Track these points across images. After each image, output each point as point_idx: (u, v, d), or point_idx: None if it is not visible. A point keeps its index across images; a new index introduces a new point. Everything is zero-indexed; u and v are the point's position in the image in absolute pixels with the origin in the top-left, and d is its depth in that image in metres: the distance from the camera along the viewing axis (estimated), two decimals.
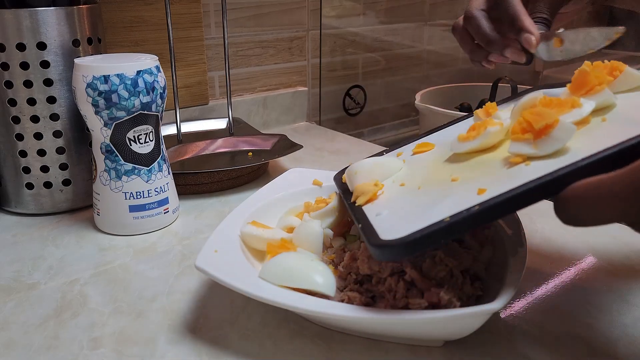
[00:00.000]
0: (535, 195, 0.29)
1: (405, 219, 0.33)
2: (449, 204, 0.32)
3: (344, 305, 0.35)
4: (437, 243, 0.31)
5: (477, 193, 0.31)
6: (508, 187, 0.29)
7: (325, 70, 0.99)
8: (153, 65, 0.51)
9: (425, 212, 0.32)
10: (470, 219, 0.30)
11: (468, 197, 0.31)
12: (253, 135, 0.74)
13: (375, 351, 0.37)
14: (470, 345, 0.37)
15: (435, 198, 0.34)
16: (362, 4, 1.01)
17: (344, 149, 0.81)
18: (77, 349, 0.37)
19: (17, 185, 0.57)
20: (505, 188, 0.30)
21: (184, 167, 0.64)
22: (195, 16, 0.79)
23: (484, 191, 0.31)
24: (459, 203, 0.31)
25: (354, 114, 1.06)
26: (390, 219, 0.34)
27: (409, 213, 0.34)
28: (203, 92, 0.84)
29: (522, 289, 0.43)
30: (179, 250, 0.51)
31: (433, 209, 0.32)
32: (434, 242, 0.30)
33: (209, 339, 0.38)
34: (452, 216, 0.30)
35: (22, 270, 0.47)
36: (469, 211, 0.30)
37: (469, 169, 0.36)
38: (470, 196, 0.31)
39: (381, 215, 0.35)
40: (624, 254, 0.49)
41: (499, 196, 0.29)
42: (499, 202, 0.29)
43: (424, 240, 0.30)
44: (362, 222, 0.36)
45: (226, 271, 0.37)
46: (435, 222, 0.30)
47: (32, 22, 0.52)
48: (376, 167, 0.42)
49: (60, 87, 0.54)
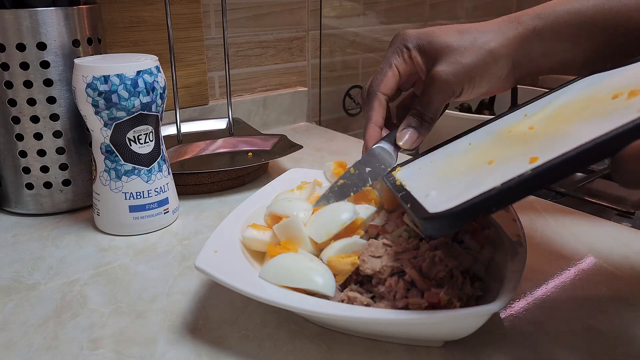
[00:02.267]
0: (592, 156, 0.27)
1: (455, 195, 0.32)
2: (500, 174, 0.30)
3: (344, 305, 0.35)
4: (487, 211, 0.29)
5: (528, 162, 0.30)
6: (562, 151, 0.28)
7: (325, 70, 0.99)
8: (153, 66, 0.51)
9: (476, 185, 0.31)
10: (523, 185, 0.28)
11: (520, 166, 0.30)
12: (253, 136, 0.74)
13: (375, 351, 0.37)
14: (470, 345, 0.37)
15: (486, 173, 0.33)
16: (362, 4, 1.02)
17: (344, 149, 0.81)
18: (77, 350, 0.37)
19: (17, 185, 0.57)
20: (558, 152, 0.28)
21: (184, 168, 0.64)
22: (195, 16, 0.79)
23: (536, 159, 0.29)
24: (510, 172, 0.29)
25: (354, 114, 1.06)
26: (439, 198, 0.33)
27: (459, 189, 0.32)
28: (203, 93, 0.84)
29: (522, 289, 0.43)
30: (179, 250, 0.51)
31: (484, 181, 0.31)
32: (484, 210, 0.29)
33: (208, 339, 0.38)
34: (503, 183, 0.29)
35: (22, 271, 0.47)
36: (521, 177, 0.28)
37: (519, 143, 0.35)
38: (522, 165, 0.30)
39: (430, 196, 0.34)
40: (624, 254, 0.49)
41: (552, 160, 0.28)
42: (553, 165, 0.28)
43: (473, 208, 0.29)
44: (410, 201, 0.35)
45: (226, 271, 0.37)
46: (485, 190, 0.29)
47: (32, 23, 0.52)
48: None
49: (60, 88, 0.54)
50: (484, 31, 0.45)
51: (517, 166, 0.30)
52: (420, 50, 0.47)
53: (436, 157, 0.44)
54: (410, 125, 0.47)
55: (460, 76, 0.45)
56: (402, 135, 0.47)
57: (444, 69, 0.45)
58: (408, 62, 0.48)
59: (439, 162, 0.42)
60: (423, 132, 0.47)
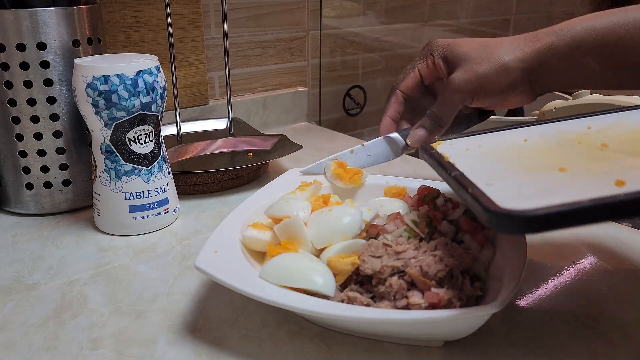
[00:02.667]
0: None
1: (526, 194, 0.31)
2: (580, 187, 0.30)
3: (344, 305, 0.35)
4: (568, 224, 0.28)
5: (614, 184, 0.29)
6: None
7: (325, 70, 0.99)
8: (153, 66, 0.51)
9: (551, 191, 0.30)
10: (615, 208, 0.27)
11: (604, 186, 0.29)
12: (253, 136, 0.74)
13: (375, 351, 0.37)
14: (470, 345, 0.37)
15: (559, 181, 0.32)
16: (362, 4, 1.01)
17: (344, 149, 0.81)
18: (76, 350, 0.37)
19: (17, 185, 0.57)
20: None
21: (184, 168, 0.64)
22: (195, 16, 0.79)
23: (622, 183, 0.29)
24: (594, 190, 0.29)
25: (354, 114, 1.06)
26: (506, 192, 0.32)
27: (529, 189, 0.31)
28: (203, 93, 0.84)
29: (522, 289, 0.43)
30: (179, 250, 0.51)
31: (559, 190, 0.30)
32: (567, 222, 0.28)
33: (208, 339, 0.38)
34: (591, 200, 0.27)
35: (22, 271, 0.47)
36: (614, 198, 0.27)
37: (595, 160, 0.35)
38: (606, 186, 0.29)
39: (493, 186, 0.33)
40: (624, 254, 0.49)
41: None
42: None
43: (555, 217, 0.28)
44: (470, 186, 0.33)
45: (226, 271, 0.37)
46: (568, 202, 0.28)
47: (32, 23, 0.52)
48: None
49: (60, 88, 0.54)
50: (503, 45, 0.49)
51: (600, 185, 0.29)
52: (443, 58, 0.52)
53: (485, 143, 0.43)
54: (423, 125, 0.52)
55: (472, 83, 0.49)
56: (414, 133, 0.53)
57: (459, 75, 0.50)
58: (431, 67, 0.54)
59: (490, 149, 0.41)
60: (433, 134, 0.52)
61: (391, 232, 0.41)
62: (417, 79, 0.55)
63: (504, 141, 0.42)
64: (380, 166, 0.56)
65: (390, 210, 0.44)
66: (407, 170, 0.71)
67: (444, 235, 0.41)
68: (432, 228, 0.41)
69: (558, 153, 0.38)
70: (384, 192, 0.50)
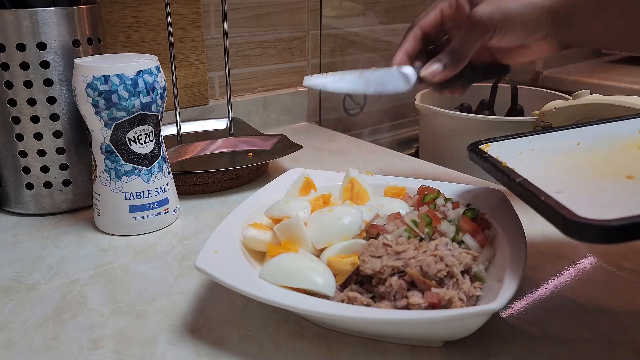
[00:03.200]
0: None
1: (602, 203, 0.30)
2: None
3: (344, 306, 0.35)
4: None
5: None
6: None
7: (325, 70, 0.99)
8: (153, 66, 0.51)
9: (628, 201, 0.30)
10: None
11: None
12: (253, 136, 0.74)
13: (375, 351, 0.37)
14: (470, 345, 0.37)
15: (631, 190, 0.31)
16: (362, 4, 1.01)
17: (344, 149, 0.81)
18: (77, 350, 0.37)
19: (17, 185, 0.57)
20: None
21: (184, 168, 0.64)
22: (195, 16, 0.79)
23: None
24: None
25: (354, 114, 1.06)
26: (578, 200, 0.31)
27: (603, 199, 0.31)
28: (203, 93, 0.84)
29: (522, 289, 0.43)
30: (179, 250, 0.51)
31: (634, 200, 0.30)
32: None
33: (208, 339, 0.38)
34: None
35: (22, 271, 0.47)
36: None
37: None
38: None
39: (563, 194, 0.32)
40: (623, 254, 0.49)
41: None
42: None
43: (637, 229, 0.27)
44: (544, 196, 0.33)
45: (226, 271, 0.37)
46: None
47: (32, 23, 0.52)
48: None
49: (60, 88, 0.54)
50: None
51: None
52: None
53: (537, 146, 0.42)
54: (440, 60, 0.51)
55: (496, 17, 0.47)
56: (428, 66, 0.51)
57: (482, 8, 0.48)
58: (453, 6, 0.52)
59: (545, 154, 0.41)
60: (449, 70, 0.50)
61: (391, 232, 0.41)
62: (437, 18, 0.54)
63: (557, 145, 0.42)
64: (381, 166, 0.56)
65: (390, 210, 0.44)
66: (407, 170, 0.71)
67: (444, 235, 0.41)
68: (432, 228, 0.41)
69: (620, 159, 0.37)
70: (384, 192, 0.50)
